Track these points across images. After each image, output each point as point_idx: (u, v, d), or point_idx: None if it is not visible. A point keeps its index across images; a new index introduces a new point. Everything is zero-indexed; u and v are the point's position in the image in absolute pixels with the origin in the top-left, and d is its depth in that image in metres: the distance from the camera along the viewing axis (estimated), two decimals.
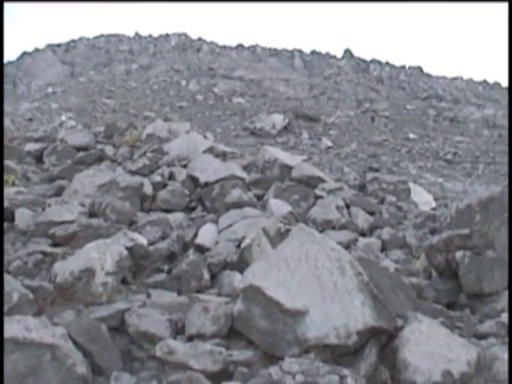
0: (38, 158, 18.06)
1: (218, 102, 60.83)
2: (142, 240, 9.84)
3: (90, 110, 53.71)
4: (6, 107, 53.08)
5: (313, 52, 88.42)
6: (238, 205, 12.64)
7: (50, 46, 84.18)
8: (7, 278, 7.44)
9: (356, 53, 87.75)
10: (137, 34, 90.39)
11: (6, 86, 71.08)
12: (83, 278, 8.05)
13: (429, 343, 6.35)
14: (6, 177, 14.87)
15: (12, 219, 11.94)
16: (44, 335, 5.90)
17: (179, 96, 62.09)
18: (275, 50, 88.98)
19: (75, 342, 6.21)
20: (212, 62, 75.67)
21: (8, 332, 5.75)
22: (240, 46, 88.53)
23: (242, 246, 9.81)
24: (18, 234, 11.54)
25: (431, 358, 6.16)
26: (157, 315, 7.26)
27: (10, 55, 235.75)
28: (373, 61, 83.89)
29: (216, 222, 11.82)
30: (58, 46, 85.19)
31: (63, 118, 44.35)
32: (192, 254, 9.95)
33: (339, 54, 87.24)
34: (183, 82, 66.83)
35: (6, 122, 43.74)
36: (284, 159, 15.89)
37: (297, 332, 6.33)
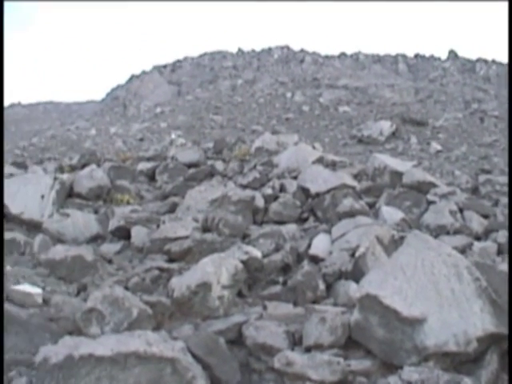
0: (151, 176, 18.52)
1: (324, 111, 60.61)
2: (257, 253, 9.93)
3: (198, 126, 54.55)
4: (118, 129, 54.79)
5: (416, 55, 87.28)
6: (350, 214, 12.60)
7: (157, 68, 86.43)
8: (126, 294, 7.66)
9: (461, 53, 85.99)
10: (240, 49, 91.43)
11: (117, 109, 73.26)
12: (200, 293, 8.19)
13: None
14: (120, 196, 15.37)
15: (128, 237, 12.32)
16: (164, 349, 6.01)
17: (285, 108, 62.27)
18: (378, 56, 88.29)
19: (194, 356, 6.31)
20: (316, 72, 75.68)
21: (130, 346, 5.89)
22: (343, 55, 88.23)
23: (357, 254, 9.73)
24: (135, 252, 11.89)
25: None
26: (274, 327, 7.30)
27: (119, 79, 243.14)
28: (478, 60, 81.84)
29: (329, 231, 11.80)
30: (164, 66, 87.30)
31: (173, 136, 45.34)
32: (306, 265, 9.98)
33: (444, 56, 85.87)
34: (288, 94, 67.01)
35: (118, 144, 45.34)
36: (394, 166, 15.74)
37: (415, 340, 6.24)
